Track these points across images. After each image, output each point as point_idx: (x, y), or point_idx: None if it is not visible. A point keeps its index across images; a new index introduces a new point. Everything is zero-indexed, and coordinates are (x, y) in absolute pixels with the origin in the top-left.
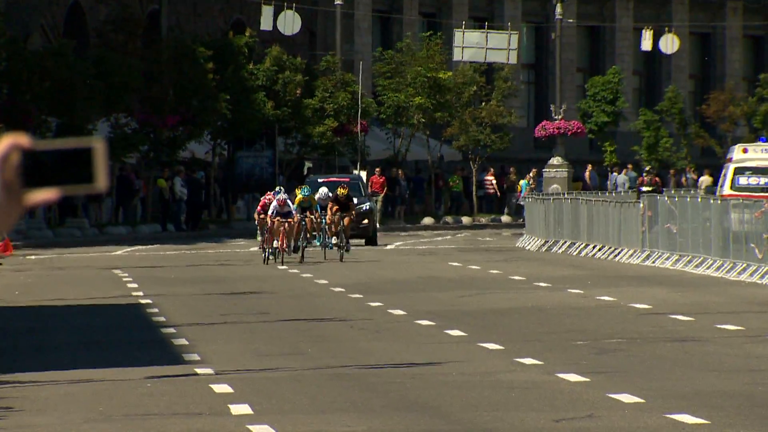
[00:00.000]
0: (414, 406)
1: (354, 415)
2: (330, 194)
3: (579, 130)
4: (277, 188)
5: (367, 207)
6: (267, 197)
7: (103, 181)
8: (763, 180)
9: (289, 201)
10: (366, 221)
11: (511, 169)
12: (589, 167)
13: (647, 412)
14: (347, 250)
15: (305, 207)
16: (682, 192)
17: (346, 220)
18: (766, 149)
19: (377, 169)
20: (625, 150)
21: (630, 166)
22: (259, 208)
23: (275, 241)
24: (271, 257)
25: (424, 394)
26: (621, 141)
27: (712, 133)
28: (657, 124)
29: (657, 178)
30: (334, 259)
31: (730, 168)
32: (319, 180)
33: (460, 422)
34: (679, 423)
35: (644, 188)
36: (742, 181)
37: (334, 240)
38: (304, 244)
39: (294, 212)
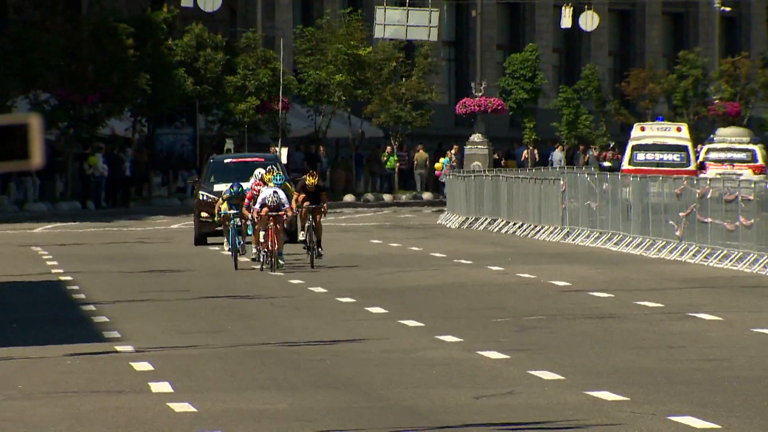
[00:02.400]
0: (335, 383)
1: (275, 393)
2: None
3: (499, 107)
4: (258, 172)
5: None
6: (255, 184)
7: (38, 157)
8: (658, 156)
9: (280, 192)
10: (288, 212)
11: (419, 146)
12: (531, 146)
13: (567, 389)
14: (319, 255)
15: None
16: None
17: (290, 213)
18: (662, 128)
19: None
20: (545, 127)
21: (562, 144)
22: (246, 200)
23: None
24: (266, 263)
25: (345, 371)
26: (541, 118)
27: (632, 111)
28: (576, 102)
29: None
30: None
31: (629, 145)
32: (226, 161)
33: (381, 399)
34: (598, 400)
35: (605, 164)
36: (640, 157)
37: (301, 236)
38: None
39: (287, 205)
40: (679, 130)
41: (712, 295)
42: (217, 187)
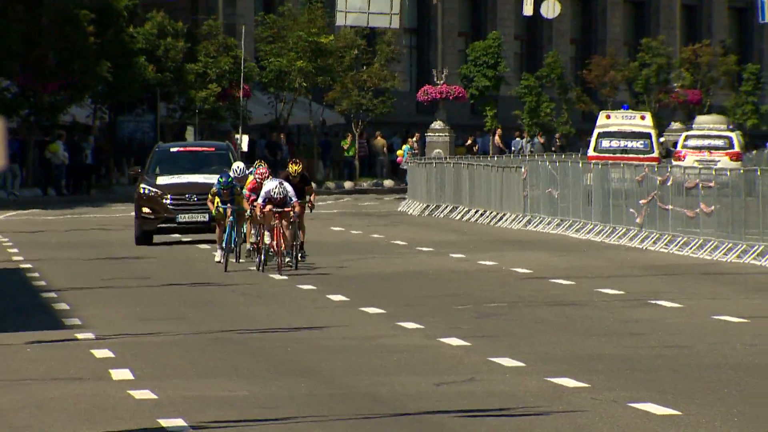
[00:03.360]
0: (296, 370)
1: (236, 380)
2: (242, 173)
3: (460, 95)
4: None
5: (241, 188)
6: (258, 173)
7: (2, 159)
8: (622, 143)
9: (287, 184)
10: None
11: (377, 133)
12: (498, 132)
13: (528, 376)
14: (302, 258)
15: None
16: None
17: (297, 208)
18: (626, 116)
19: (231, 134)
20: (507, 115)
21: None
22: (247, 191)
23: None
24: (269, 264)
25: (307, 358)
26: (502, 105)
27: (594, 98)
28: (538, 89)
29: (663, 140)
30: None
31: (595, 132)
32: (172, 150)
33: (342, 386)
34: (559, 386)
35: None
36: (605, 144)
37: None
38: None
39: (295, 199)
40: (643, 118)
41: (672, 282)
42: (161, 180)
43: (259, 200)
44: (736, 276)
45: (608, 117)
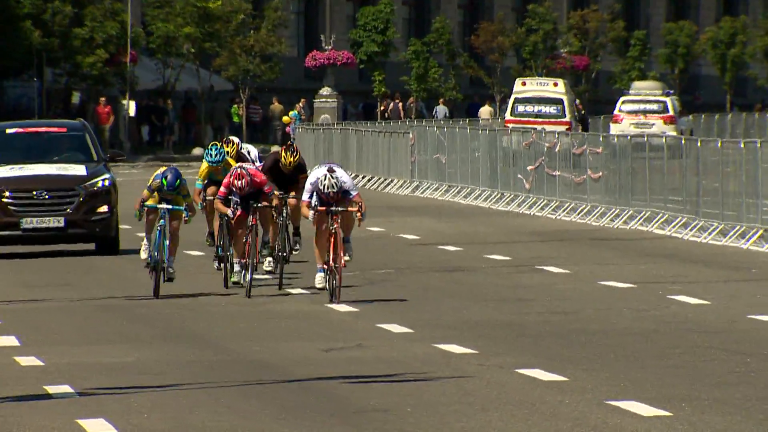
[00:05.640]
0: (183, 336)
1: (122, 346)
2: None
3: (349, 61)
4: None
5: (108, 182)
6: (237, 185)
7: None
8: (537, 108)
9: (340, 171)
10: (103, 208)
11: (274, 98)
12: (398, 99)
13: (416, 342)
14: (295, 249)
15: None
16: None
17: (291, 201)
18: (541, 83)
19: (102, 99)
20: (395, 80)
21: (441, 100)
22: (222, 190)
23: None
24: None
25: (194, 324)
26: (391, 71)
27: (482, 64)
28: (426, 55)
29: (581, 105)
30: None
31: (511, 98)
32: (9, 131)
33: (230, 353)
34: (447, 353)
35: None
36: (520, 109)
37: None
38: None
39: (355, 191)
40: (555, 85)
41: (560, 248)
42: None
43: (305, 196)
44: (623, 242)
45: (524, 84)
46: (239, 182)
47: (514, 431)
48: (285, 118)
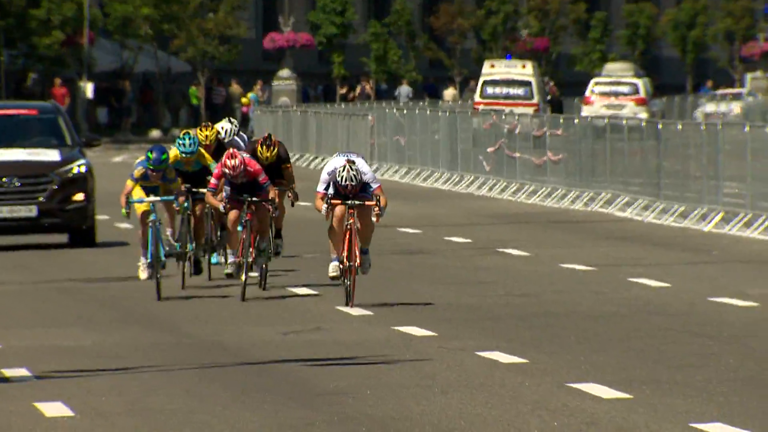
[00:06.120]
0: (142, 320)
1: (80, 330)
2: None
3: (308, 43)
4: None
5: (84, 168)
6: (229, 166)
7: None
8: (505, 90)
9: (360, 161)
10: (79, 196)
11: (233, 80)
12: (365, 81)
13: (375, 325)
14: (276, 253)
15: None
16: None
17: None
18: (509, 65)
19: (57, 79)
20: (355, 62)
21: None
22: (213, 181)
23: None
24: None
25: (152, 307)
26: (350, 53)
27: (442, 46)
28: (385, 37)
29: (555, 87)
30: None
31: (481, 80)
32: None
33: (188, 336)
34: (406, 335)
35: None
36: (489, 91)
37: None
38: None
39: (377, 184)
40: (524, 66)
41: (520, 230)
42: None
43: (320, 188)
44: (583, 224)
45: (493, 66)
46: (232, 161)
47: (474, 414)
48: (243, 100)
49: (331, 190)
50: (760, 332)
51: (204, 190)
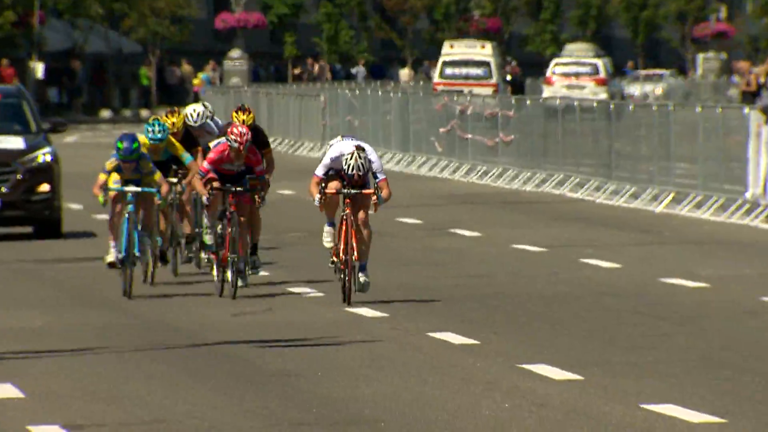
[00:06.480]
0: (93, 301)
1: (33, 311)
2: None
3: (259, 23)
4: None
5: (50, 156)
6: (235, 134)
7: None
8: (464, 70)
9: (369, 148)
10: (44, 187)
11: (183, 60)
12: (322, 60)
13: (326, 306)
14: (254, 268)
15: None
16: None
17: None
18: (469, 45)
19: (4, 60)
20: (307, 42)
21: (361, 61)
22: (205, 166)
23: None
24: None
25: (103, 289)
26: (302, 33)
27: (393, 26)
28: (337, 17)
29: (517, 68)
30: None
31: (440, 61)
32: None
33: (139, 317)
34: (358, 316)
35: (507, 77)
36: (449, 71)
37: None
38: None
39: (383, 176)
40: (483, 47)
41: (472, 211)
42: None
43: (319, 171)
44: (535, 205)
45: (452, 46)
46: (240, 129)
47: (426, 395)
48: (194, 81)
49: (320, 173)
50: (710, 313)
51: (174, 180)
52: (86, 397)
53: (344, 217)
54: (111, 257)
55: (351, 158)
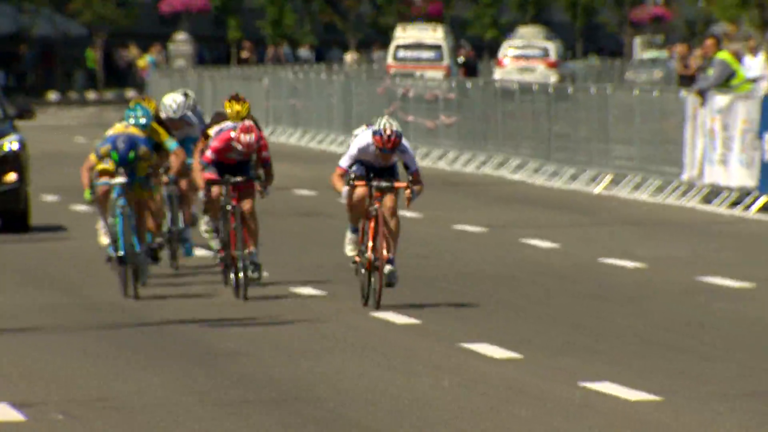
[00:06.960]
0: (41, 280)
1: None
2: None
3: (204, 7)
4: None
5: (16, 144)
6: (242, 129)
7: None
8: (417, 53)
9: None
10: (11, 177)
11: (131, 45)
12: (280, 45)
13: (272, 286)
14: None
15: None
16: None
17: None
18: (421, 28)
19: None
20: (251, 26)
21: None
22: (208, 155)
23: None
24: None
25: (52, 268)
26: (246, 17)
27: (337, 10)
28: (281, 2)
29: (472, 51)
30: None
31: (393, 44)
32: None
33: (88, 297)
34: (302, 296)
35: (460, 59)
36: (401, 54)
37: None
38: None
39: (414, 167)
40: (435, 30)
41: None
42: None
43: (343, 162)
44: (475, 186)
45: (404, 30)
46: (247, 137)
47: (369, 375)
48: (140, 62)
49: (355, 169)
50: (648, 293)
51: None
52: (32, 376)
53: (374, 212)
54: (104, 238)
55: (386, 122)
